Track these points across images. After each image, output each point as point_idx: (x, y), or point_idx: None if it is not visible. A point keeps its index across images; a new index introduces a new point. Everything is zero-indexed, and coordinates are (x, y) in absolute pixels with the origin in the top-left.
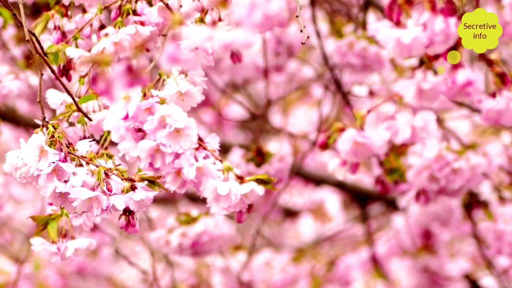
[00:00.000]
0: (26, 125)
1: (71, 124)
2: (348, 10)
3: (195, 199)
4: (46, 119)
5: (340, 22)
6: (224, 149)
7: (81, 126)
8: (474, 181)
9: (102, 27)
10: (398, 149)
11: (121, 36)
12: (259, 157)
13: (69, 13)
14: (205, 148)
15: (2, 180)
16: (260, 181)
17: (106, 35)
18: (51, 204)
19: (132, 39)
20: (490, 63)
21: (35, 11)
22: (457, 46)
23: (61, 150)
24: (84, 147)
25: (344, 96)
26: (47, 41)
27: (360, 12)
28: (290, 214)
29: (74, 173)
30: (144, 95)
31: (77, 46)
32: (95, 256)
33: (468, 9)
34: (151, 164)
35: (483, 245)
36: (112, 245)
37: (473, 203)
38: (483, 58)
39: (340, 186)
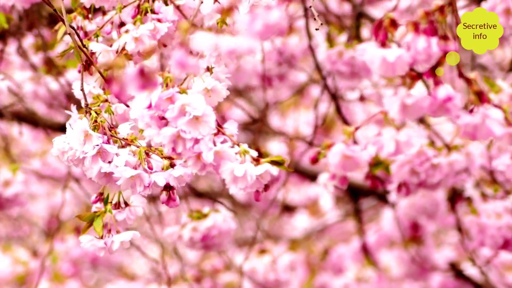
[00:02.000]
0: (45, 126)
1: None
2: (341, 21)
3: (202, 195)
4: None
5: (334, 29)
6: None
7: (108, 115)
8: (456, 178)
9: (122, 24)
10: None
11: (141, 31)
12: None
13: (89, 16)
14: (223, 134)
15: (23, 177)
16: (274, 163)
17: (127, 31)
18: (95, 202)
19: (151, 34)
20: (468, 81)
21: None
22: (438, 64)
23: (104, 134)
24: (125, 130)
25: (335, 101)
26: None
27: (353, 23)
28: (287, 209)
29: (117, 154)
30: (166, 85)
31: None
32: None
33: (448, 30)
34: (173, 149)
35: (465, 238)
36: None
37: (457, 198)
38: (462, 76)
39: None
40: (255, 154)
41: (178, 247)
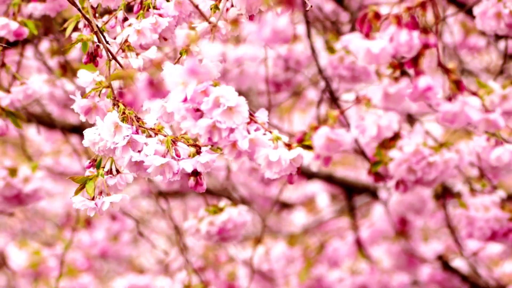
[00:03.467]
0: (61, 127)
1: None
2: (338, 27)
3: (205, 192)
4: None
5: (332, 37)
6: None
7: (111, 100)
8: (448, 174)
9: (125, 19)
10: (386, 145)
11: (143, 24)
12: None
13: (96, 14)
14: (256, 122)
15: (42, 174)
16: (305, 147)
17: (130, 25)
18: (88, 167)
19: (153, 28)
20: (447, 71)
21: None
22: (419, 55)
23: (132, 125)
24: (152, 120)
25: (335, 102)
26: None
27: (350, 29)
28: (286, 206)
29: (146, 144)
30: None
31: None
32: (117, 241)
33: (429, 24)
34: (209, 139)
35: (455, 231)
36: (136, 229)
37: (446, 194)
38: (441, 66)
39: (329, 179)
40: (286, 140)
41: (184, 239)
